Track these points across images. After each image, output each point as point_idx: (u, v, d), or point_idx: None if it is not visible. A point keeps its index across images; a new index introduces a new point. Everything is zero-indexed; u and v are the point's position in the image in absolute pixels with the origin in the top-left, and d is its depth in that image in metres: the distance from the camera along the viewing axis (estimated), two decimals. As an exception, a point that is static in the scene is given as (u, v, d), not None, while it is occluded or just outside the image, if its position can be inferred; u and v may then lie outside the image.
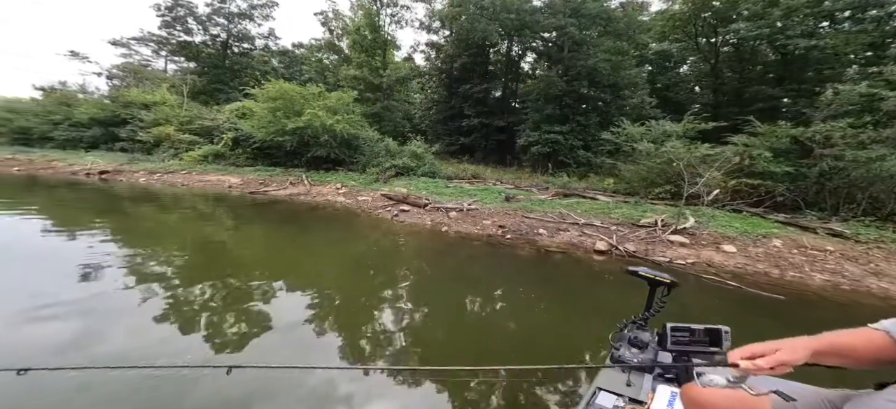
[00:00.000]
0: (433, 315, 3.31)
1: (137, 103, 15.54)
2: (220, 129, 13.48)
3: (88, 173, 11.67)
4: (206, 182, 10.93)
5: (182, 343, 2.53)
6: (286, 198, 9.60)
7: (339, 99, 13.08)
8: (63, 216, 6.53)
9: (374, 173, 11.49)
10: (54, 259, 4.10)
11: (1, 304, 2.83)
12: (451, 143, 16.37)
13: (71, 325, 2.61)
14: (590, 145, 12.69)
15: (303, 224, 7.13)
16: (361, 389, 2.09)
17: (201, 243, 5.45)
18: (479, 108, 16.39)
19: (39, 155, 14.24)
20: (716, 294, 4.16)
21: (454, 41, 17.47)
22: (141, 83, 19.89)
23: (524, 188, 10.47)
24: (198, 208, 8.17)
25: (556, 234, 6.45)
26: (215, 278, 3.77)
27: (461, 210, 7.86)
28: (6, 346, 2.35)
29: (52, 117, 16.58)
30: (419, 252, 5.65)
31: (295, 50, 25.35)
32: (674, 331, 1.10)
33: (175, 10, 20.99)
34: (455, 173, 12.26)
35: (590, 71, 12.72)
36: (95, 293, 3.16)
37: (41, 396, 1.86)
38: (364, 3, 20.01)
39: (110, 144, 15.40)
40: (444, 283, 4.27)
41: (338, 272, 4.42)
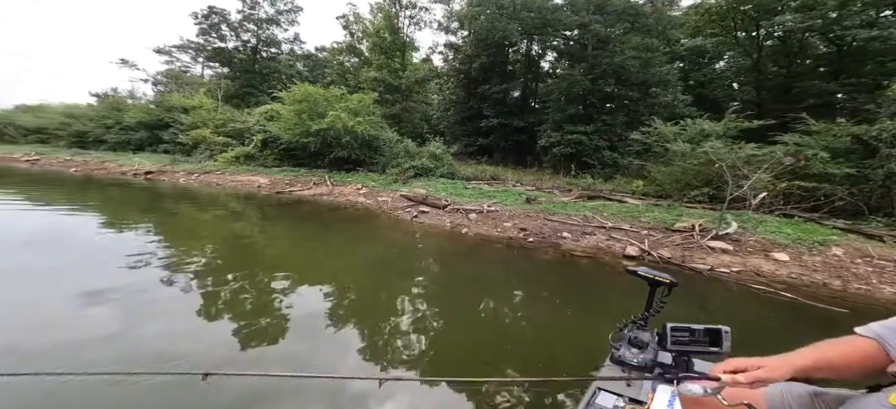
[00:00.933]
0: (452, 319, 3.22)
1: (178, 107, 16.69)
2: (251, 131, 14.16)
3: (135, 174, 12.58)
4: (237, 182, 11.48)
5: (210, 337, 2.62)
6: (310, 198, 9.87)
7: (359, 101, 13.36)
8: (113, 213, 7.06)
9: (394, 174, 11.60)
10: (105, 252, 4.45)
11: (59, 291, 3.10)
12: (470, 144, 16.27)
13: (115, 313, 2.80)
14: (616, 146, 12.14)
15: (325, 224, 7.28)
16: (375, 394, 2.07)
17: (232, 240, 5.69)
18: (498, 108, 16.20)
19: (94, 157, 15.58)
20: (768, 306, 3.77)
21: (473, 42, 17.41)
22: (181, 88, 21.41)
23: (545, 190, 10.16)
24: (230, 206, 8.57)
25: (582, 237, 6.16)
26: (243, 274, 3.90)
27: (481, 212, 7.72)
28: (63, 331, 2.54)
29: (105, 121, 18.11)
30: (439, 254, 5.58)
31: (318, 53, 26.28)
32: (674, 331, 1.11)
33: (210, 18, 22.48)
34: (474, 174, 12.15)
35: (616, 69, 12.19)
36: (138, 285, 3.37)
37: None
38: (383, 6, 20.47)
39: (155, 146, 16.57)
40: (464, 286, 4.16)
41: (358, 272, 4.43)
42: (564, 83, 13.15)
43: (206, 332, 2.70)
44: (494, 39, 15.79)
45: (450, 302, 3.60)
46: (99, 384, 1.98)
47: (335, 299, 3.39)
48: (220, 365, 2.23)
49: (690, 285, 4.40)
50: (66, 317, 2.70)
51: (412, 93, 20.07)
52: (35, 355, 2.23)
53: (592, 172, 11.47)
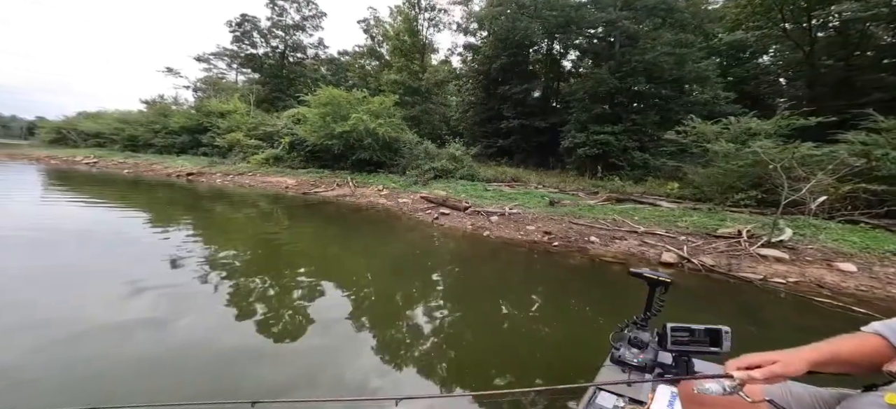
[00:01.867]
0: (476, 325, 3.10)
1: (215, 112, 17.81)
2: (280, 134, 14.81)
3: (179, 175, 13.52)
4: (267, 183, 12.03)
5: (237, 331, 2.69)
6: (334, 199, 10.12)
7: (381, 103, 13.59)
8: (159, 212, 7.61)
9: (414, 176, 11.66)
10: (150, 247, 4.79)
11: (110, 281, 3.37)
12: (489, 145, 16.05)
13: (156, 304, 2.98)
14: (647, 146, 11.47)
15: (349, 225, 7.39)
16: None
17: (261, 239, 5.91)
18: (518, 109, 15.89)
19: (143, 159, 16.98)
20: (837, 322, 3.31)
21: (493, 42, 17.22)
22: (218, 94, 22.86)
23: (570, 192, 9.78)
24: (260, 206, 8.96)
25: (611, 242, 5.83)
26: (271, 272, 4.04)
27: (503, 214, 7.54)
28: (112, 316, 2.73)
29: (153, 126, 19.63)
30: (460, 257, 5.48)
31: (340, 58, 27.09)
32: (674, 331, 1.10)
33: (243, 26, 23.88)
34: (494, 176, 11.95)
35: (647, 66, 11.55)
36: (177, 279, 3.59)
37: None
38: (403, 9, 20.83)
39: (195, 149, 17.75)
40: (487, 290, 4.02)
41: (380, 275, 4.42)
42: (590, 82, 12.64)
43: (231, 325, 2.77)
44: (515, 39, 15.51)
45: (473, 308, 3.48)
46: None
47: (355, 302, 3.38)
48: (241, 357, 2.31)
49: (738, 295, 4.00)
50: (116, 306, 2.90)
51: (432, 95, 20.21)
52: (83, 339, 2.40)
53: (621, 174, 10.90)
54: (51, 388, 1.90)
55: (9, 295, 2.96)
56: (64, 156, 18.44)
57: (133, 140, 19.76)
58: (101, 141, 21.08)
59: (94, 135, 21.52)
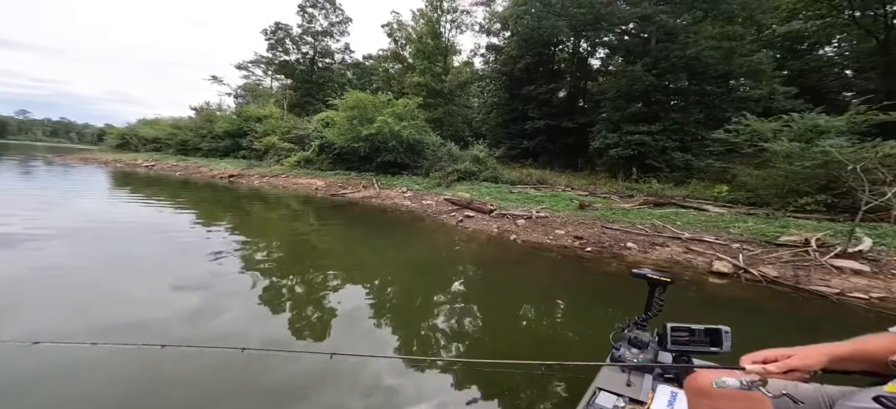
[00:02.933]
0: (506, 336, 2.93)
1: (253, 117, 19.04)
2: (310, 137, 15.50)
3: (221, 177, 14.59)
4: (298, 185, 12.61)
5: (273, 323, 2.81)
6: (360, 200, 10.36)
7: (405, 105, 13.80)
8: (203, 211, 8.19)
9: (437, 178, 11.67)
10: (196, 243, 5.16)
11: (159, 275, 3.66)
12: (513, 146, 15.75)
13: (199, 296, 3.15)
14: (689, 146, 10.62)
15: (374, 226, 7.50)
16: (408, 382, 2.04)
17: (293, 238, 6.17)
18: (544, 109, 15.48)
19: (192, 162, 18.52)
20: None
21: (517, 41, 16.95)
22: (255, 100, 24.40)
23: (601, 195, 9.28)
24: (291, 207, 9.39)
25: (651, 249, 5.40)
26: (300, 269, 4.21)
27: (529, 218, 7.29)
28: (158, 309, 2.93)
29: (201, 131, 21.37)
30: (487, 261, 5.35)
31: (365, 62, 27.89)
32: (674, 331, 1.15)
33: (277, 33, 25.33)
34: (519, 178, 11.66)
35: (689, 61, 10.72)
36: (218, 274, 3.81)
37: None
38: (426, 12, 21.11)
39: (236, 152, 19.03)
40: (516, 297, 3.85)
41: (405, 277, 4.38)
42: (623, 80, 11.97)
43: (265, 317, 2.90)
44: (540, 38, 15.15)
45: (501, 316, 3.34)
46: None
47: (379, 303, 3.34)
48: (269, 345, 2.42)
49: (808, 311, 3.51)
50: (163, 296, 3.15)
51: (454, 96, 20.24)
52: (138, 325, 2.60)
53: (659, 176, 10.16)
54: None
55: (79, 276, 3.34)
56: (127, 159, 20.58)
57: (184, 144, 21.60)
58: (157, 145, 23.27)
59: (152, 140, 23.80)
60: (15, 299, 2.86)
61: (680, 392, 1.13)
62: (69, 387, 1.92)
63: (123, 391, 1.91)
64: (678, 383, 1.19)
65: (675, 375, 1.23)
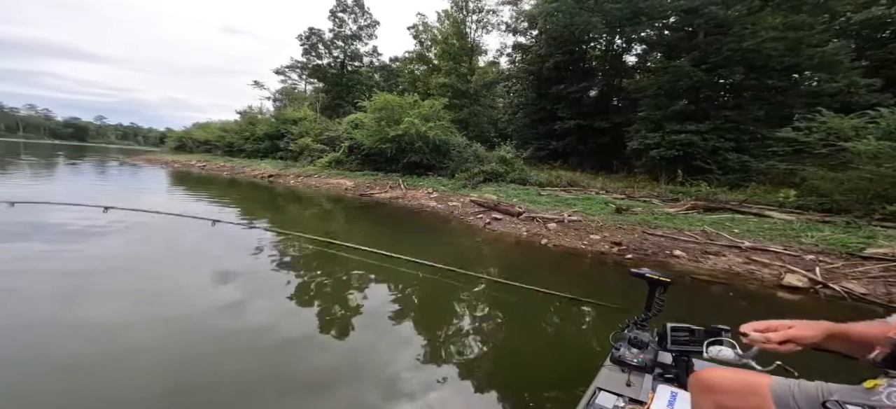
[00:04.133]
0: (541, 353, 2.72)
1: (290, 120, 20.16)
2: (341, 138, 16.09)
3: (262, 177, 15.63)
4: (329, 185, 13.12)
5: (302, 316, 2.94)
6: (387, 201, 10.52)
7: (431, 106, 13.86)
8: (246, 208, 8.79)
9: (463, 179, 11.56)
10: (238, 238, 5.55)
11: (204, 266, 3.97)
12: (541, 147, 15.23)
13: (237, 288, 3.36)
14: (746, 146, 9.54)
15: (401, 226, 7.57)
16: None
17: (324, 235, 6.37)
18: (574, 109, 14.83)
19: (237, 162, 20.04)
20: None
21: (546, 40, 16.43)
22: (291, 103, 25.81)
23: (640, 199, 8.62)
24: (323, 206, 9.78)
25: (703, 258, 4.87)
26: (330, 267, 4.32)
27: (561, 221, 6.94)
28: (201, 296, 3.18)
29: (244, 134, 23.06)
30: (517, 265, 5.15)
31: (391, 64, 28.43)
32: (674, 331, 1.21)
33: (311, 39, 26.60)
34: (548, 180, 11.22)
35: (745, 54, 9.65)
36: (255, 268, 4.06)
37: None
38: (451, 13, 21.10)
39: (274, 153, 20.22)
40: (550, 303, 3.57)
41: (432, 279, 4.27)
42: (665, 76, 11.05)
43: (293, 311, 3.03)
44: (571, 36, 14.53)
45: (532, 321, 3.11)
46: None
47: (405, 305, 3.31)
48: (295, 339, 2.54)
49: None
50: (206, 288, 3.39)
51: (479, 97, 20.04)
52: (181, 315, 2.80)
53: (709, 179, 9.21)
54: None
55: (141, 265, 3.74)
56: (183, 160, 22.77)
57: (230, 146, 23.44)
58: (208, 147, 25.50)
59: (204, 142, 26.13)
60: (84, 285, 3.20)
61: (680, 392, 1.13)
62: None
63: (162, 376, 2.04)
64: (678, 383, 1.19)
65: (675, 375, 1.23)
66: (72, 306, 2.74)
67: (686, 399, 1.05)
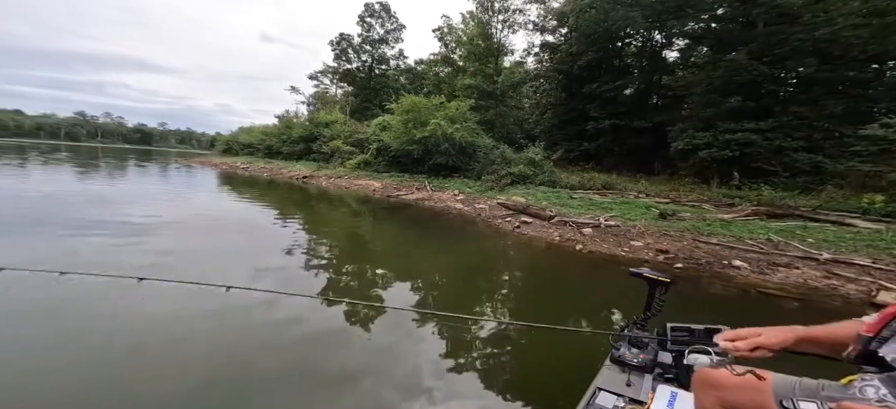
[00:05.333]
0: (578, 358, 2.44)
1: (322, 123, 21.13)
2: (369, 140, 16.55)
3: (297, 177, 16.55)
4: (358, 186, 13.53)
5: (324, 314, 3.03)
6: (413, 202, 10.59)
7: (457, 108, 13.81)
8: (281, 207, 9.30)
9: (489, 181, 11.36)
10: (273, 235, 5.86)
11: (244, 259, 4.21)
12: (572, 149, 14.59)
13: (270, 280, 3.55)
14: (820, 146, 8.36)
15: (429, 228, 7.53)
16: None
17: (352, 235, 6.55)
18: (609, 108, 14.06)
19: (275, 164, 21.41)
20: None
21: (577, 38, 15.76)
22: (324, 106, 27.05)
23: (688, 203, 7.88)
24: (351, 206, 10.06)
25: (771, 270, 4.30)
26: (357, 264, 4.46)
27: (597, 226, 6.51)
28: (242, 295, 3.26)
29: (282, 137, 24.62)
30: (551, 272, 4.90)
31: (416, 66, 28.87)
32: (674, 331, 1.24)
33: (341, 44, 27.80)
34: (580, 183, 10.69)
35: (817, 44, 8.48)
36: (288, 264, 4.24)
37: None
38: (476, 15, 20.94)
39: (308, 155, 21.31)
40: (592, 318, 3.30)
41: (463, 284, 4.17)
42: (717, 71, 10.03)
43: (322, 306, 3.11)
44: (605, 33, 13.79)
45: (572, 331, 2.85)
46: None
47: (433, 310, 3.20)
48: (322, 335, 2.61)
49: None
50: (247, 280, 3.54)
51: (506, 98, 19.68)
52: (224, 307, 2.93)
53: (772, 182, 8.17)
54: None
55: (188, 259, 4.08)
56: (230, 162, 24.81)
57: (270, 149, 25.12)
58: (251, 150, 27.54)
59: (247, 145, 28.28)
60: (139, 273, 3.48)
61: (680, 392, 1.12)
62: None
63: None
64: (678, 383, 1.18)
65: (674, 375, 1.22)
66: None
67: (686, 399, 1.06)
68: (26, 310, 2.57)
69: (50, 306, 2.62)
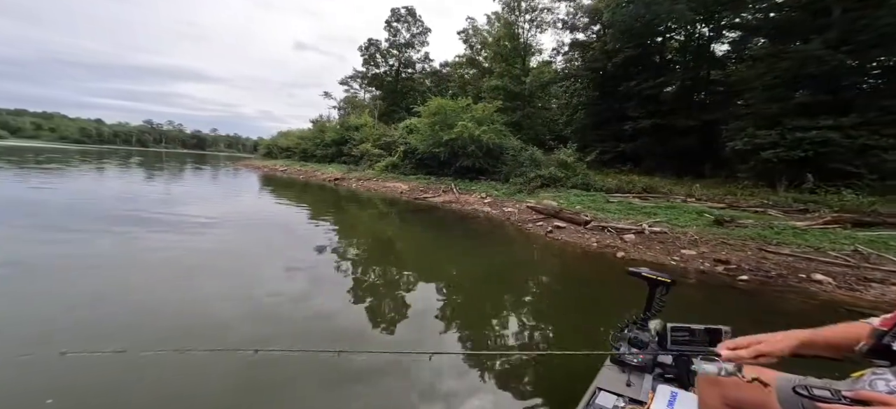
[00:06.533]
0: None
1: (352, 127, 21.92)
2: (397, 143, 16.85)
3: (328, 180, 17.31)
4: (386, 188, 13.79)
5: (352, 312, 3.03)
6: (440, 205, 10.54)
7: (483, 109, 13.60)
8: (314, 208, 9.69)
9: (518, 184, 11.02)
10: (307, 234, 6.10)
11: (277, 258, 4.34)
12: (606, 150, 13.75)
13: (304, 277, 3.71)
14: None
15: (457, 232, 7.40)
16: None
17: (379, 236, 6.64)
18: (649, 107, 13.12)
19: (310, 167, 22.50)
20: None
21: (613, 34, 14.92)
22: (354, 111, 28.06)
23: (748, 209, 7.02)
24: (379, 208, 10.24)
25: (862, 286, 3.69)
26: (384, 265, 4.46)
27: (640, 232, 5.99)
28: (278, 283, 3.47)
29: (316, 141, 25.79)
30: (591, 282, 4.56)
31: (441, 69, 29.07)
32: (674, 331, 1.25)
33: (370, 49, 28.69)
34: (617, 186, 10.02)
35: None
36: (319, 262, 4.36)
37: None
38: (502, 15, 20.54)
39: (339, 158, 22.10)
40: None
41: (494, 290, 3.96)
42: (784, 63, 8.89)
43: (349, 308, 3.12)
44: (642, 29, 12.95)
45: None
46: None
47: (466, 323, 3.04)
48: (351, 333, 2.61)
49: None
50: (277, 278, 3.67)
51: (534, 98, 19.13)
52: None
53: (856, 186, 7.03)
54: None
55: (230, 254, 4.34)
56: (270, 165, 26.62)
57: (305, 152, 26.53)
58: (289, 153, 29.31)
59: (285, 149, 30.11)
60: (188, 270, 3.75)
61: (680, 392, 1.12)
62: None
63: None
64: (678, 383, 1.19)
65: (675, 375, 1.23)
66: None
67: (686, 399, 1.08)
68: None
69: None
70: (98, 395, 1.75)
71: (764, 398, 0.80)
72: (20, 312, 2.55)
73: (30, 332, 2.26)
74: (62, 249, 3.94)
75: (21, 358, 1.95)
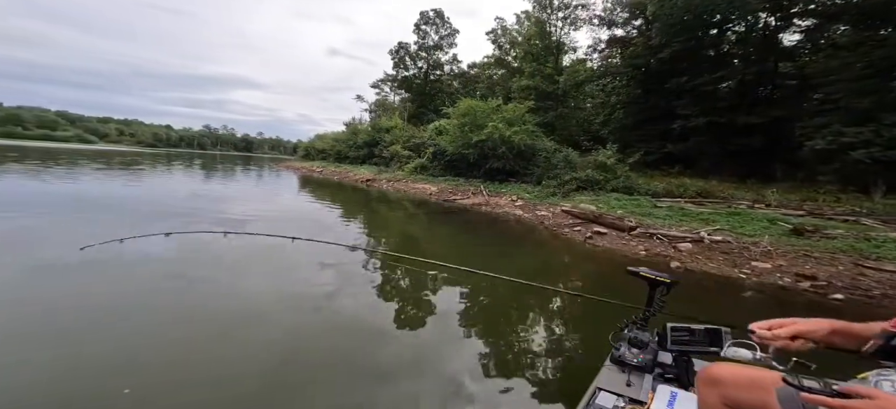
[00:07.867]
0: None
1: (383, 128, 22.57)
2: (426, 145, 17.00)
3: (360, 180, 17.95)
4: (415, 189, 13.94)
5: (377, 311, 3.06)
6: (470, 207, 10.37)
7: (514, 110, 13.23)
8: (347, 208, 10.04)
9: (551, 187, 10.55)
10: (341, 233, 6.21)
11: (315, 256, 4.36)
12: (651, 151, 12.66)
13: (333, 274, 3.85)
14: None
15: (489, 236, 7.15)
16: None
17: (410, 237, 6.67)
18: (703, 104, 11.86)
19: (344, 168, 23.65)
20: None
21: (660, 28, 13.73)
22: (384, 113, 28.87)
23: (835, 217, 6.03)
24: (408, 209, 10.33)
25: None
26: (412, 267, 4.33)
27: (698, 241, 5.37)
28: (312, 278, 3.61)
29: (349, 142, 27.18)
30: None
31: (469, 70, 28.91)
32: (674, 331, 1.25)
33: (399, 52, 29.32)
34: (665, 189, 9.19)
35: None
36: (352, 261, 4.40)
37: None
38: (532, 13, 19.85)
39: (370, 159, 22.97)
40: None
41: (536, 302, 3.67)
42: (879, 51, 7.50)
43: (374, 304, 3.17)
44: (693, 21, 11.76)
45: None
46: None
47: (491, 326, 2.91)
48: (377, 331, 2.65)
49: None
50: (310, 276, 3.81)
51: (567, 98, 18.29)
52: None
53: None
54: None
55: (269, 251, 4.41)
56: (308, 166, 28.33)
57: (339, 153, 27.89)
58: (324, 155, 30.98)
59: (321, 151, 31.89)
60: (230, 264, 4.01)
61: (680, 392, 1.12)
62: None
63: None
64: (678, 383, 1.19)
65: (675, 375, 1.23)
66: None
67: (686, 399, 1.07)
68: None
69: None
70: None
71: (765, 397, 0.78)
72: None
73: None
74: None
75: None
